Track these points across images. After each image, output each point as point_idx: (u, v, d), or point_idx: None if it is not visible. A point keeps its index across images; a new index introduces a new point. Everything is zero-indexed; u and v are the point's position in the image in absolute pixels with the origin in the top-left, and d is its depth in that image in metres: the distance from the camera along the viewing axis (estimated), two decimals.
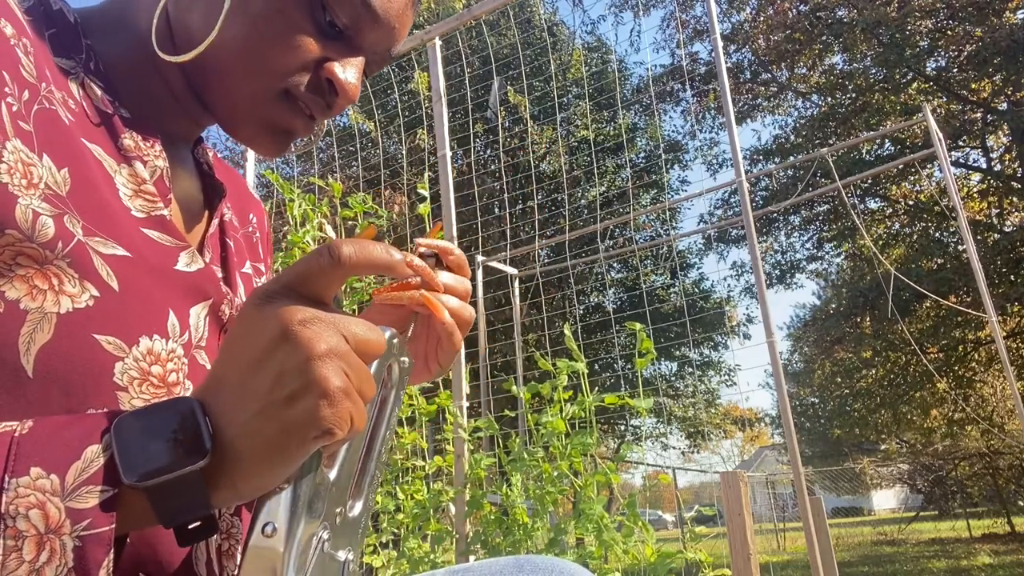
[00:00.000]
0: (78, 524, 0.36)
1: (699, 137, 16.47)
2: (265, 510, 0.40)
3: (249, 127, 0.59)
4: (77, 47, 0.55)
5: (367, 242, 0.44)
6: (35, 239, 0.45)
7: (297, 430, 0.38)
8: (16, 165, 0.45)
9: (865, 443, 23.39)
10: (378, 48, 0.60)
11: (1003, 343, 4.50)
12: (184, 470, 0.37)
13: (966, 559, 10.15)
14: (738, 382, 15.12)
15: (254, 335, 0.40)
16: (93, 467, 0.37)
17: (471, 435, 2.75)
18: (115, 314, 0.48)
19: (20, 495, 0.35)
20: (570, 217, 9.69)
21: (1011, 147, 13.14)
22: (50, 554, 0.35)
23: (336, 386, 0.39)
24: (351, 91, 0.58)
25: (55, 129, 0.49)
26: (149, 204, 0.55)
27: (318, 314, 0.40)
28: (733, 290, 16.00)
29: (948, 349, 14.76)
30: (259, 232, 0.77)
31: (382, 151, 7.14)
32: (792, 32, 13.93)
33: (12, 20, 0.49)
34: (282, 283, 0.42)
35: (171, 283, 0.53)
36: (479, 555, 2.47)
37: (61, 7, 0.56)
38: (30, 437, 0.37)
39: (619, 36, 38.41)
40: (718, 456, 37.62)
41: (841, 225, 14.19)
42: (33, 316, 0.44)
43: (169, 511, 0.38)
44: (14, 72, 0.47)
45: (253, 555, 0.39)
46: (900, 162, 8.06)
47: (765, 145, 16.05)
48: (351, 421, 0.40)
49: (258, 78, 0.56)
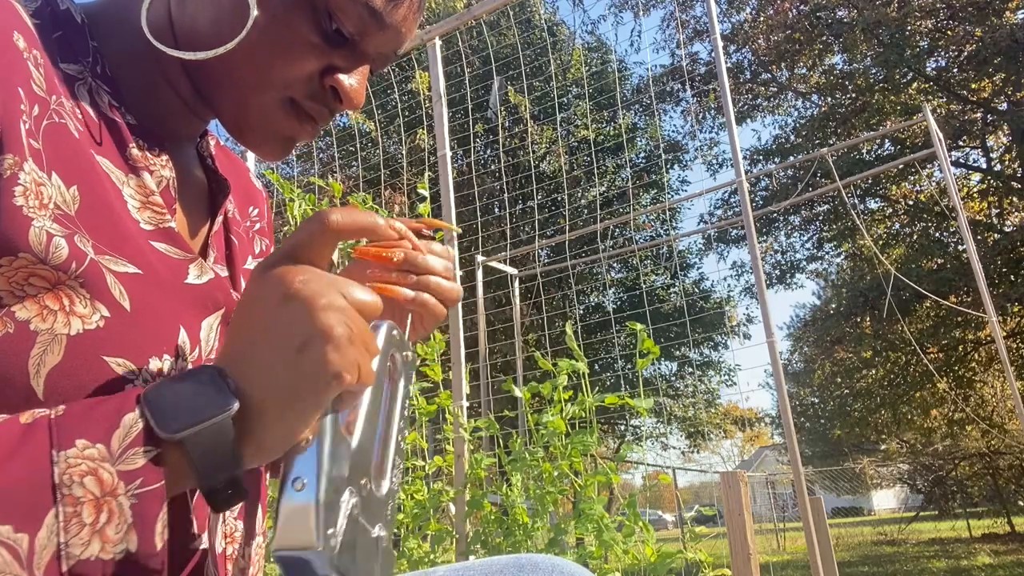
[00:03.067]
0: (131, 483, 0.39)
1: (699, 137, 16.48)
2: (293, 466, 0.43)
3: (256, 135, 0.59)
4: (84, 50, 0.55)
5: (353, 208, 0.48)
6: (49, 261, 0.45)
7: (311, 376, 0.41)
8: (30, 186, 0.45)
9: (865, 443, 23.37)
10: (383, 51, 0.60)
11: (1003, 343, 4.50)
12: (216, 418, 0.40)
13: (966, 559, 10.15)
14: (738, 382, 15.16)
15: (260, 301, 0.43)
16: (134, 431, 0.40)
17: (471, 435, 2.75)
18: (125, 335, 0.48)
19: (71, 465, 0.38)
20: (570, 217, 9.69)
21: (1011, 147, 13.13)
22: (108, 515, 0.38)
23: (340, 332, 0.42)
24: (356, 99, 0.59)
25: (64, 144, 0.49)
26: (157, 216, 0.55)
27: (317, 273, 0.44)
28: (733, 290, 16.01)
29: (948, 349, 14.76)
30: (261, 221, 0.77)
31: (382, 151, 7.14)
32: (792, 32, 13.92)
33: (24, 31, 0.49)
34: (280, 254, 0.45)
35: (182, 298, 0.54)
36: (479, 555, 2.47)
37: (68, 7, 0.56)
38: (66, 417, 0.40)
39: (619, 36, 38.43)
40: (718, 456, 37.64)
41: (841, 225, 14.19)
42: (43, 338, 0.45)
43: (205, 466, 0.41)
44: (27, 88, 0.47)
45: (285, 509, 0.41)
46: (900, 162, 8.06)
47: (765, 145, 16.06)
48: (359, 369, 0.42)
49: (266, 89, 0.56)
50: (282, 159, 0.63)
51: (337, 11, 0.54)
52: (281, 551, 0.41)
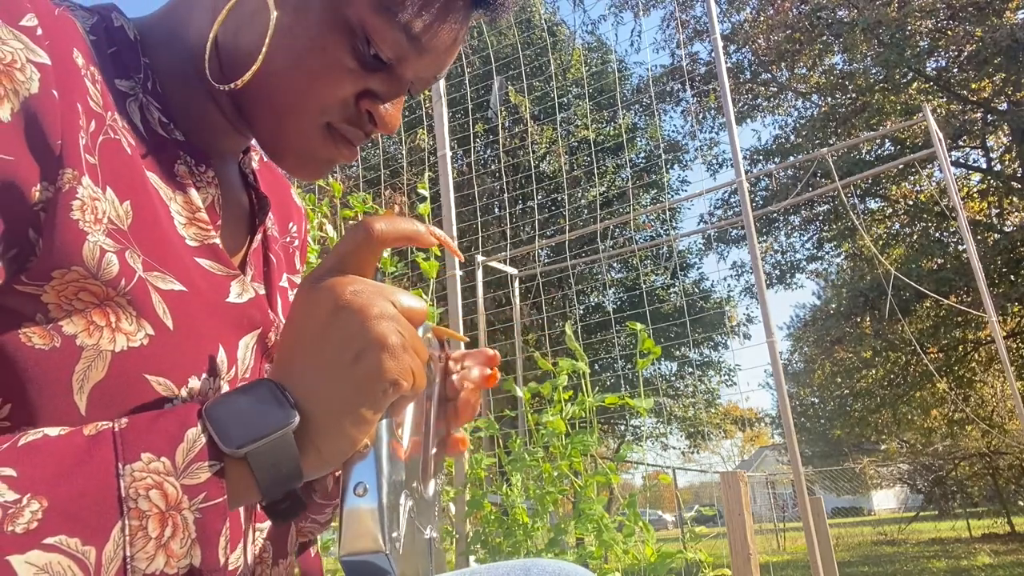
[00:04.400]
0: (196, 498, 0.39)
1: (699, 137, 16.47)
2: (354, 473, 0.44)
3: (293, 158, 0.60)
4: (136, 66, 0.55)
5: (394, 216, 0.48)
6: (100, 276, 0.45)
7: (368, 385, 0.42)
8: (87, 201, 0.46)
9: (865, 443, 23.38)
10: (422, 76, 0.59)
11: (1003, 343, 4.50)
12: (277, 433, 0.41)
13: (966, 559, 10.15)
14: (738, 382, 15.16)
15: (312, 314, 0.44)
16: (197, 446, 0.40)
17: (471, 435, 2.74)
18: (167, 354, 0.49)
19: (137, 479, 0.38)
20: (570, 217, 9.68)
21: (1011, 147, 13.13)
22: (174, 529, 0.38)
23: (395, 341, 0.43)
24: (392, 123, 0.59)
25: (118, 160, 0.50)
26: (202, 232, 0.55)
27: (366, 283, 0.45)
28: (733, 290, 16.00)
29: (948, 349, 14.76)
30: (298, 239, 0.77)
31: (382, 151, 7.14)
32: (792, 32, 13.91)
33: (82, 49, 0.49)
34: (326, 267, 0.46)
35: (222, 316, 0.54)
36: (479, 555, 2.47)
37: (123, 23, 0.56)
38: (130, 430, 0.40)
39: (619, 36, 38.43)
40: (718, 456, 37.64)
41: (841, 225, 14.17)
42: (88, 353, 0.45)
43: (267, 480, 0.42)
44: (84, 104, 0.48)
45: (350, 515, 0.42)
46: (900, 162, 8.05)
47: (765, 145, 16.05)
48: (413, 375, 0.44)
49: (303, 113, 0.56)
50: (320, 179, 0.64)
51: (375, 36, 0.53)
52: (349, 556, 0.42)
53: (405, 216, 0.49)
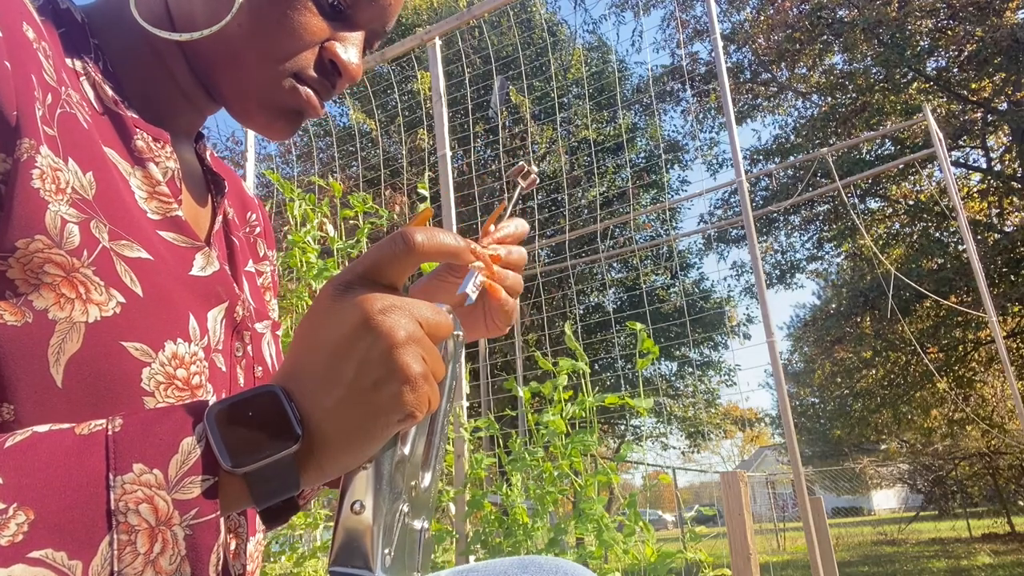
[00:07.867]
0: (187, 514, 0.38)
1: (699, 137, 16.47)
2: (351, 489, 0.43)
3: (262, 114, 0.60)
4: (86, 47, 0.56)
5: (436, 229, 0.46)
6: (63, 246, 0.45)
7: (382, 414, 0.41)
8: (47, 170, 0.45)
9: (865, 443, 23.36)
10: (375, 24, 0.62)
11: (1003, 343, 4.50)
12: (278, 455, 0.39)
13: (966, 559, 10.15)
14: (738, 382, 15.14)
15: (335, 324, 0.42)
16: (192, 458, 0.38)
17: (471, 435, 2.75)
18: (141, 320, 0.48)
19: (127, 491, 0.37)
20: (570, 217, 9.68)
21: (1011, 147, 13.13)
22: (163, 545, 0.37)
23: (417, 372, 0.41)
24: (354, 71, 0.60)
25: (77, 132, 0.50)
26: (164, 206, 0.56)
27: (395, 302, 0.42)
28: (733, 290, 16.01)
29: (948, 349, 14.75)
30: (260, 226, 0.77)
31: (382, 151, 7.14)
32: (792, 32, 13.91)
33: (32, 24, 0.49)
34: (357, 272, 0.43)
35: (189, 288, 0.54)
36: (479, 555, 2.47)
37: (68, 6, 0.57)
38: (124, 434, 0.38)
39: (620, 36, 38.41)
40: (718, 456, 37.59)
41: (841, 225, 14.18)
42: (62, 326, 0.44)
43: (263, 493, 0.40)
44: (39, 76, 0.48)
45: (344, 531, 0.42)
46: (900, 162, 8.06)
47: (765, 145, 16.05)
48: (429, 403, 0.42)
49: (269, 65, 0.57)
50: (290, 136, 0.63)
51: None
52: (338, 568, 0.42)
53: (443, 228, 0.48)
